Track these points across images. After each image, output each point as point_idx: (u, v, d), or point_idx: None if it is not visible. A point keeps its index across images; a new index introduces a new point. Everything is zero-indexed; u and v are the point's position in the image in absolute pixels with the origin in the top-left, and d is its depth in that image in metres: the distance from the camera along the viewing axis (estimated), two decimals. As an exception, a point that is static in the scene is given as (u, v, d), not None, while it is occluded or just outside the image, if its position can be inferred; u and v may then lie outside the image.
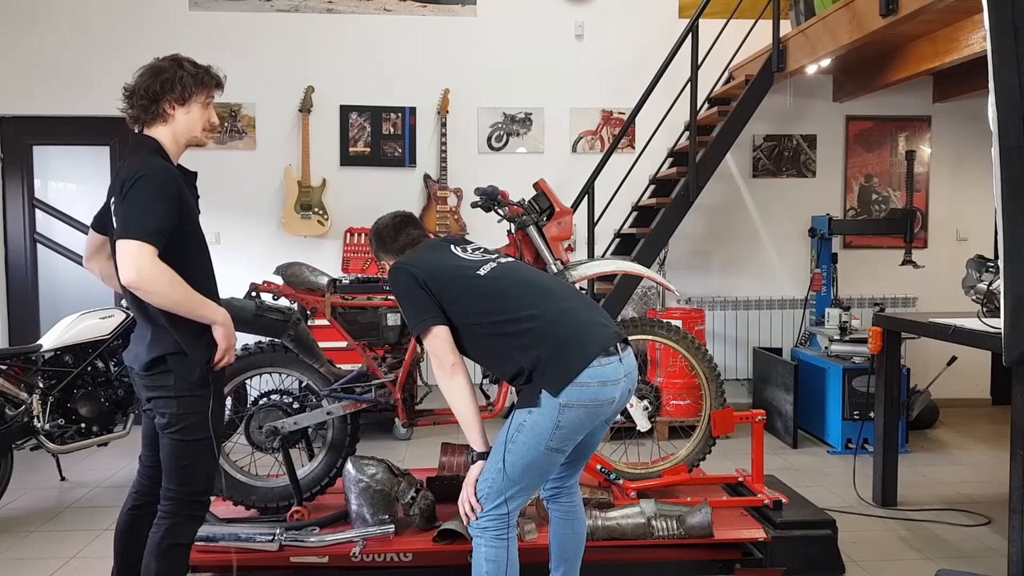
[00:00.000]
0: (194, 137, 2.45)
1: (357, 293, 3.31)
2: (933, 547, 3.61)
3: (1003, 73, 2.19)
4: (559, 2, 6.12)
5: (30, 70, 5.84)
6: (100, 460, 4.93)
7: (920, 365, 5.77)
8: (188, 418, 2.33)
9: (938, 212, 6.41)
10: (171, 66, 2.38)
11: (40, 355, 4.13)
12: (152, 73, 2.37)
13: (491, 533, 2.29)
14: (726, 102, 5.77)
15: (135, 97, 2.37)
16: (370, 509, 3.05)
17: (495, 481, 2.27)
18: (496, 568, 2.29)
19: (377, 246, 2.76)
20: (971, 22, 4.47)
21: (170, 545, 2.35)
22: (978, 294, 3.66)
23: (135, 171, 2.24)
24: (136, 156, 2.34)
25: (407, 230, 2.72)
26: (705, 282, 6.27)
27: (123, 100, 2.41)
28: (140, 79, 2.38)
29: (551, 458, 2.27)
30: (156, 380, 2.34)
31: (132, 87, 2.39)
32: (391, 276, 2.47)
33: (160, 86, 2.35)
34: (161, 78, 2.35)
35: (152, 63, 2.41)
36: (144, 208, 2.19)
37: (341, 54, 6.01)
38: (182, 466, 2.36)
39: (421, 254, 2.55)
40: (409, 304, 2.40)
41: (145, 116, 2.38)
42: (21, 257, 6.01)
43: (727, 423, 3.44)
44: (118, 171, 2.35)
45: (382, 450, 4.60)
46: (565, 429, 2.22)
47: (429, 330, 2.32)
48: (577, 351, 2.23)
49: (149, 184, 2.21)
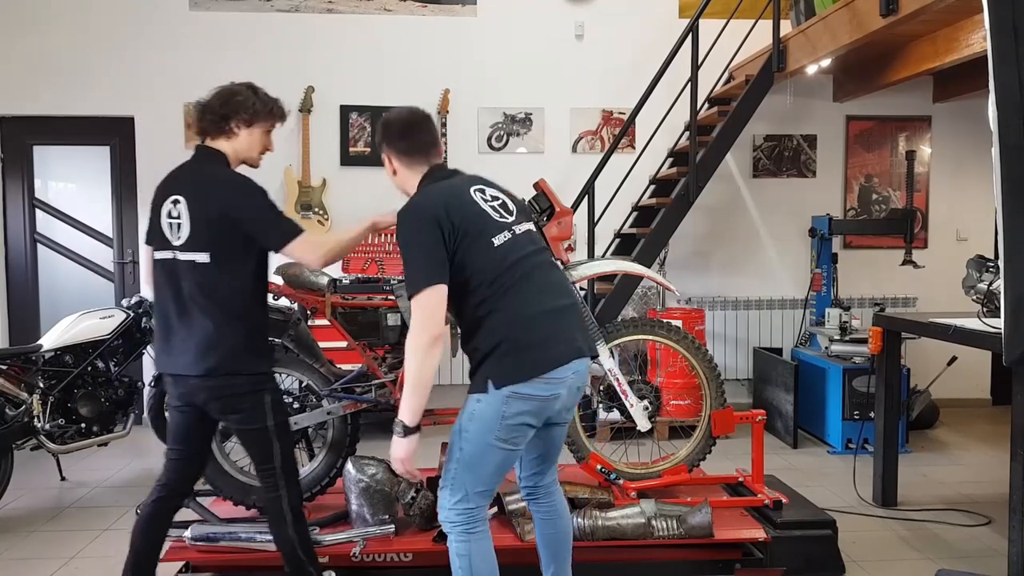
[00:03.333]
0: (250, 157, 2.65)
1: (357, 293, 3.31)
2: (933, 547, 3.60)
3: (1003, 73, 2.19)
4: (559, 2, 6.12)
5: (30, 70, 5.84)
6: (100, 460, 4.93)
7: (920, 365, 5.76)
8: (262, 407, 2.53)
9: (938, 212, 6.41)
10: (245, 91, 2.61)
11: (40, 355, 4.13)
12: (227, 94, 2.58)
13: (460, 528, 2.30)
14: (726, 102, 5.77)
15: (207, 112, 2.57)
16: (370, 509, 3.05)
17: (457, 472, 2.29)
18: (466, 563, 2.30)
19: (382, 135, 2.50)
20: (971, 22, 4.46)
21: (294, 509, 2.61)
22: (978, 294, 3.66)
23: (238, 181, 2.52)
24: (213, 165, 2.57)
25: (418, 134, 2.47)
26: (705, 282, 6.27)
27: (194, 111, 2.61)
28: (215, 97, 2.58)
29: (502, 452, 2.27)
30: (222, 381, 2.49)
31: (206, 103, 2.58)
32: (408, 213, 2.30)
33: (232, 107, 2.56)
34: (234, 99, 2.57)
35: (228, 86, 2.62)
36: (275, 209, 2.52)
37: (341, 54, 6.01)
38: (270, 452, 2.58)
39: (448, 198, 2.31)
40: (421, 253, 2.24)
41: (212, 130, 2.58)
42: (21, 257, 6.01)
43: (727, 423, 3.43)
44: (192, 177, 2.57)
45: (382, 450, 4.59)
46: (511, 420, 2.22)
47: (434, 289, 2.20)
48: (532, 360, 2.23)
49: (258, 189, 2.51)
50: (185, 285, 2.49)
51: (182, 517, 3.19)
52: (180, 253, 2.50)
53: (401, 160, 2.46)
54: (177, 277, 2.51)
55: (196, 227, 2.47)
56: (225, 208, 2.46)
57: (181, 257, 2.50)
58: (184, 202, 2.49)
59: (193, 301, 2.48)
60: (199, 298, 2.47)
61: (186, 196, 2.50)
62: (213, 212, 2.47)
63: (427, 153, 2.47)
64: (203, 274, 2.47)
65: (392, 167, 2.49)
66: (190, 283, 2.48)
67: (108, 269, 6.06)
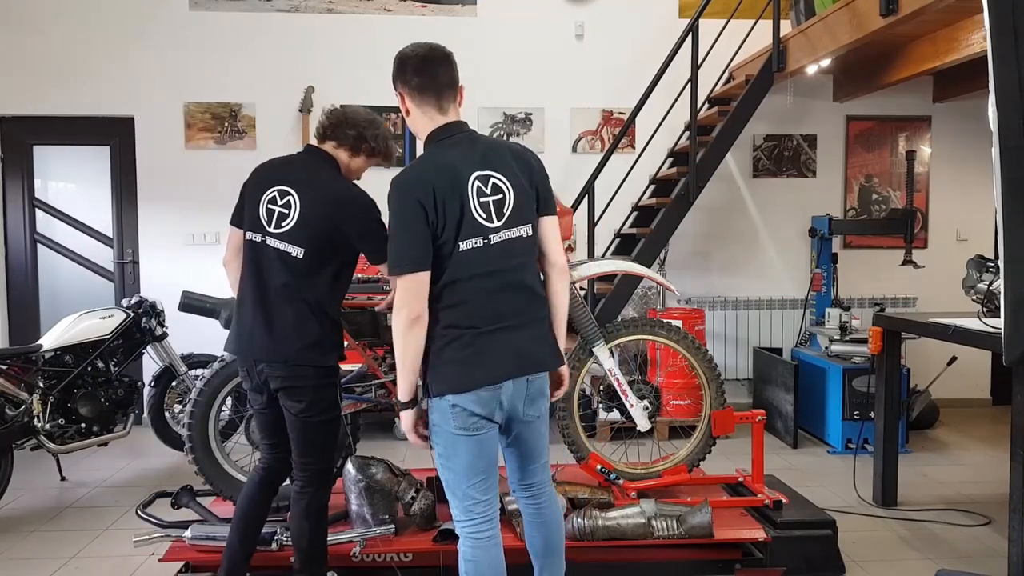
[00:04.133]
0: (349, 177, 2.77)
1: (357, 293, 3.31)
2: (933, 547, 3.60)
3: (1003, 73, 2.18)
4: (559, 2, 6.12)
5: (30, 70, 5.84)
6: (100, 460, 4.93)
7: (920, 365, 5.77)
8: (324, 402, 2.63)
9: (938, 212, 6.41)
10: (384, 128, 2.81)
11: (40, 355, 4.13)
12: (374, 121, 2.76)
13: (466, 531, 2.30)
14: (726, 102, 5.77)
15: (348, 124, 2.71)
16: (370, 509, 3.05)
17: (447, 480, 2.31)
18: (474, 568, 2.29)
19: (396, 70, 2.34)
20: (971, 22, 4.46)
21: (315, 508, 2.70)
22: (978, 294, 3.66)
23: (359, 198, 2.64)
24: (330, 171, 2.70)
25: (436, 70, 2.32)
26: (705, 282, 6.27)
27: (332, 114, 2.74)
28: (362, 116, 2.74)
29: (469, 442, 2.24)
30: (297, 371, 2.58)
31: (351, 114, 2.73)
32: (399, 186, 2.19)
33: (372, 133, 2.73)
34: (377, 129, 2.75)
35: (375, 115, 2.80)
36: (383, 232, 2.55)
37: (341, 54, 6.01)
38: (318, 444, 2.67)
39: (437, 180, 2.18)
40: (409, 233, 2.16)
41: (342, 140, 2.71)
42: (21, 257, 6.01)
43: (727, 423, 3.43)
44: (308, 175, 2.66)
45: (382, 450, 4.59)
46: (459, 408, 2.21)
47: (414, 273, 2.15)
48: (467, 374, 2.21)
49: (373, 208, 2.66)
50: (271, 273, 2.59)
51: (182, 517, 3.21)
52: (273, 240, 2.58)
53: (413, 98, 2.32)
54: (262, 263, 2.60)
55: (302, 223, 2.56)
56: (339, 219, 2.56)
57: (272, 245, 2.58)
58: (296, 197, 2.59)
59: (276, 290, 2.58)
60: (283, 289, 2.57)
61: (299, 192, 2.60)
62: (325, 217, 2.56)
63: (441, 95, 2.31)
64: (293, 266, 2.57)
65: (405, 106, 2.36)
66: (277, 272, 2.58)
67: (108, 269, 6.06)
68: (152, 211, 5.93)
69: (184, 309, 4.18)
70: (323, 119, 2.74)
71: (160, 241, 5.94)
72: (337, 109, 2.76)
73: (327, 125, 2.73)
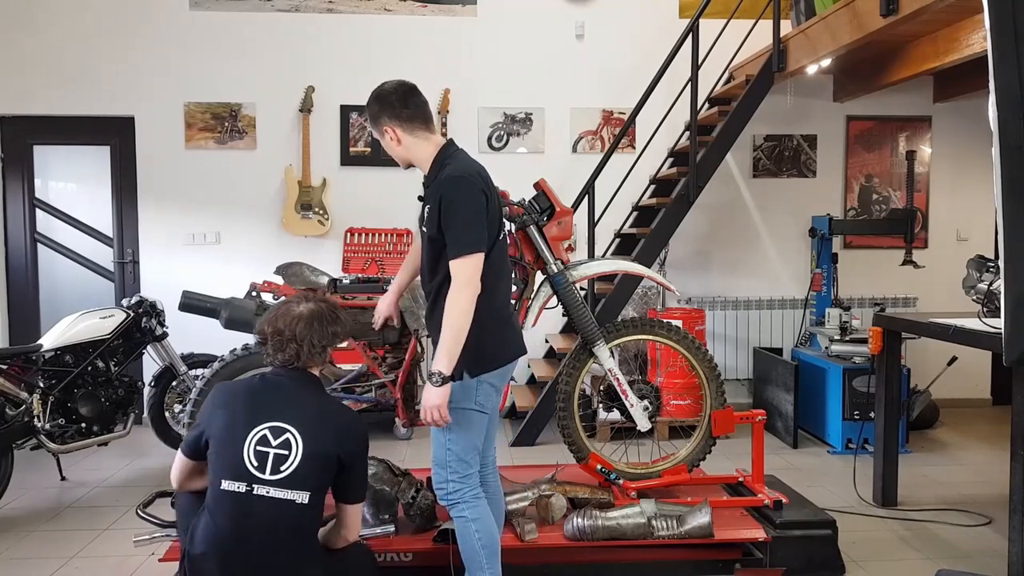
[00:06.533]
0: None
1: (357, 293, 3.31)
2: (933, 547, 3.60)
3: (1003, 73, 2.18)
4: (559, 2, 6.12)
5: (30, 70, 5.85)
6: (100, 460, 4.93)
7: (920, 365, 5.77)
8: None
9: (938, 212, 6.41)
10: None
11: (40, 355, 4.13)
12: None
13: (471, 493, 2.48)
14: (726, 102, 5.77)
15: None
16: (370, 509, 3.05)
17: (454, 453, 2.46)
18: (483, 524, 2.46)
19: (380, 106, 2.49)
20: (971, 22, 4.47)
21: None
22: (978, 294, 3.66)
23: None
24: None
25: (418, 100, 2.53)
26: (705, 282, 6.27)
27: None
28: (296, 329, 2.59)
29: (482, 419, 2.51)
30: None
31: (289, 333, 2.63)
32: (461, 183, 2.37)
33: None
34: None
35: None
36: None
37: (341, 54, 6.01)
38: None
39: (487, 179, 2.47)
40: (474, 217, 2.36)
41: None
42: (21, 257, 6.01)
43: (727, 423, 3.44)
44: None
45: (382, 450, 4.59)
46: (485, 384, 2.46)
47: (480, 255, 2.35)
48: (504, 352, 2.51)
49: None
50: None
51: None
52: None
53: (405, 128, 2.49)
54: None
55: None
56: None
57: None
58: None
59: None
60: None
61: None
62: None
63: (429, 119, 2.54)
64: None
65: (395, 137, 2.49)
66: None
67: (108, 269, 6.06)
68: (152, 211, 5.93)
69: (184, 309, 4.17)
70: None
71: (160, 241, 5.94)
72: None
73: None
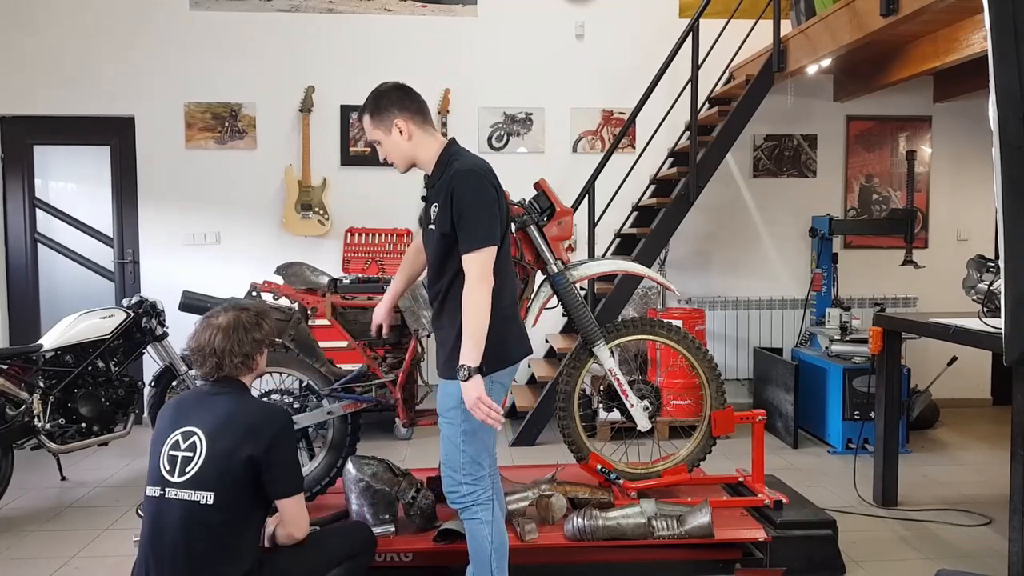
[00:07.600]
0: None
1: (357, 293, 3.31)
2: (933, 547, 3.60)
3: (1003, 73, 2.18)
4: (559, 2, 6.12)
5: (30, 70, 5.85)
6: (100, 460, 4.93)
7: (920, 365, 5.77)
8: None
9: (939, 212, 6.41)
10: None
11: (40, 355, 4.13)
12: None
13: (486, 495, 2.46)
14: (726, 102, 5.77)
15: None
16: (370, 509, 3.05)
17: (474, 451, 2.45)
18: (497, 528, 2.46)
19: (391, 102, 2.48)
20: (971, 22, 4.47)
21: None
22: (979, 294, 3.66)
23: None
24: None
25: (417, 96, 2.53)
26: (705, 282, 6.27)
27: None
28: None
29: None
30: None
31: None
32: (471, 177, 2.37)
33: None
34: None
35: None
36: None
37: (341, 54, 6.01)
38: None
39: (495, 176, 2.46)
40: (486, 212, 2.36)
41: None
42: (21, 257, 6.01)
43: (727, 423, 3.43)
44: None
45: (382, 450, 4.59)
46: (497, 383, 2.45)
47: (492, 247, 2.35)
48: (511, 352, 2.49)
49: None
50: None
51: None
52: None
53: (416, 120, 2.49)
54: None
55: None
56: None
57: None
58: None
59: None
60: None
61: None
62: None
63: (431, 118, 2.58)
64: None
65: (407, 131, 2.47)
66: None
67: (108, 269, 6.06)
68: (152, 211, 5.93)
69: (184, 309, 4.17)
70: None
71: (160, 241, 5.94)
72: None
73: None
